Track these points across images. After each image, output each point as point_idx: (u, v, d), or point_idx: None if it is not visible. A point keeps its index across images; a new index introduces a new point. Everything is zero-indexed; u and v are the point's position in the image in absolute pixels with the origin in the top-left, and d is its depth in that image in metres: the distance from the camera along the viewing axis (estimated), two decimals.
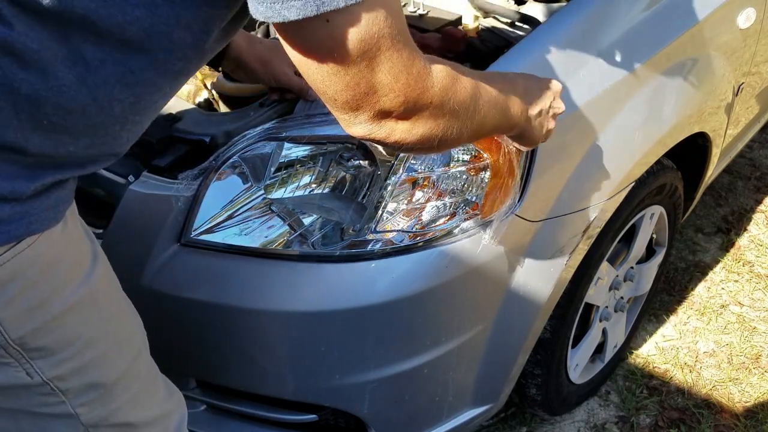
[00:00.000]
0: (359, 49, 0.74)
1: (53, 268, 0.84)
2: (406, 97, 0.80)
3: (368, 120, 0.81)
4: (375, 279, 1.25)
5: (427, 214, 1.27)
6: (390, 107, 0.80)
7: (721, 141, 1.96)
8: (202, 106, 1.52)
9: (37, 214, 0.80)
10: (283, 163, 1.26)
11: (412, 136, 0.85)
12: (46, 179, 0.80)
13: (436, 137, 0.87)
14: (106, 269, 0.95)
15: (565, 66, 1.38)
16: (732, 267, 2.43)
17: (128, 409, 0.97)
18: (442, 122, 0.86)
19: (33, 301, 0.82)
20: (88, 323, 0.89)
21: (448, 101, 0.85)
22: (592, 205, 1.43)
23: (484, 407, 1.52)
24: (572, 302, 1.57)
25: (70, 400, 0.90)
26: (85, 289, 0.88)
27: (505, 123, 1.01)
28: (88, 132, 0.81)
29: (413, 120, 0.83)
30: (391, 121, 0.82)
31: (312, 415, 1.42)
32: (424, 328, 1.32)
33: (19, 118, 0.75)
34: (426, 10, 1.76)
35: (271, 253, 1.27)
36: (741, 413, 1.93)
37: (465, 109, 0.88)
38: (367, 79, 0.77)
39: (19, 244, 0.79)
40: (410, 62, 0.79)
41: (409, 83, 0.79)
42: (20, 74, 0.74)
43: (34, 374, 0.86)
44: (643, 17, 1.51)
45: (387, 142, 0.85)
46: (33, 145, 0.77)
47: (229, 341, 1.30)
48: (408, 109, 0.81)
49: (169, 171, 1.26)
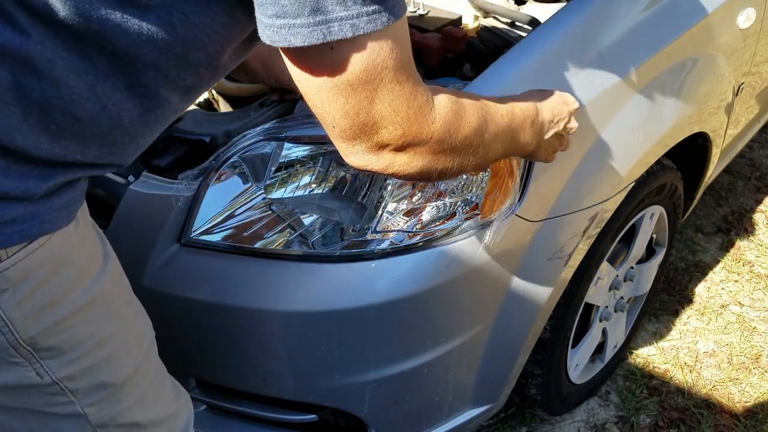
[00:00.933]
0: (361, 78, 0.74)
1: (65, 268, 0.84)
2: (404, 131, 0.80)
3: (366, 151, 0.81)
4: (375, 279, 1.25)
5: (427, 214, 1.27)
6: (388, 140, 0.80)
7: (721, 141, 1.96)
8: (202, 106, 1.52)
9: (49, 213, 0.80)
10: (283, 163, 1.26)
11: (411, 168, 0.84)
12: (58, 179, 0.80)
13: (436, 170, 0.86)
14: (116, 269, 0.95)
15: (565, 66, 1.38)
16: (732, 267, 2.43)
17: (136, 410, 0.98)
18: (442, 157, 0.85)
19: (44, 301, 0.83)
20: (99, 323, 0.90)
21: (450, 137, 0.84)
22: (592, 205, 1.42)
23: (484, 407, 1.52)
24: (572, 302, 1.57)
25: (79, 399, 0.91)
26: (96, 289, 0.88)
27: (512, 151, 1.00)
28: (96, 141, 0.82)
29: (412, 154, 0.83)
30: (390, 153, 0.82)
31: (312, 415, 1.42)
32: (424, 328, 1.32)
33: (28, 123, 0.76)
34: (426, 10, 1.76)
35: (271, 253, 1.27)
36: (741, 413, 1.93)
37: (468, 145, 0.87)
38: (367, 109, 0.77)
39: (31, 244, 0.79)
40: (412, 96, 0.79)
41: (409, 117, 0.79)
42: (32, 82, 0.74)
43: (44, 374, 0.86)
44: (643, 17, 1.51)
45: (385, 174, 0.84)
46: (40, 151, 0.78)
47: (229, 341, 1.30)
48: (407, 143, 0.81)
49: (169, 171, 1.26)
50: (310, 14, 0.70)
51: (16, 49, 0.73)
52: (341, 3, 0.71)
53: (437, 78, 1.58)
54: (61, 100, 0.76)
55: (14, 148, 0.76)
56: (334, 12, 0.71)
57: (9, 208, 0.76)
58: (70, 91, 0.76)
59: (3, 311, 0.80)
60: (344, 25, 0.71)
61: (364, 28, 0.72)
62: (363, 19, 0.72)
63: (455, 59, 1.64)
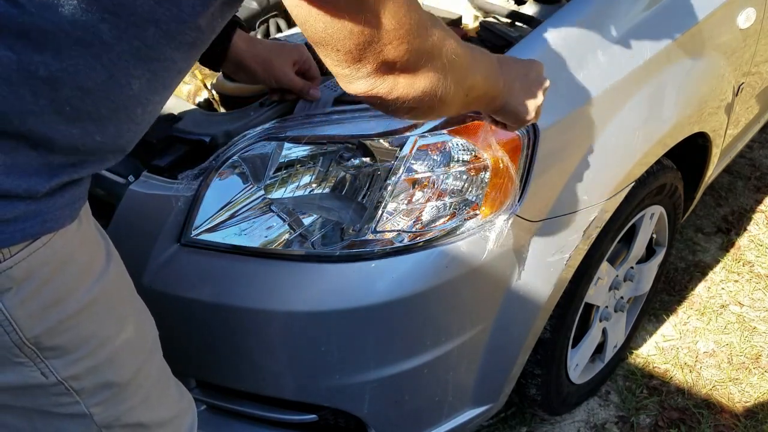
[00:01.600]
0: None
1: (68, 266, 0.84)
2: (409, 45, 0.79)
3: (371, 73, 0.80)
4: (375, 279, 1.25)
5: (427, 214, 1.27)
6: (394, 57, 0.79)
7: (721, 141, 1.96)
8: (202, 106, 1.52)
9: (52, 212, 0.80)
10: (283, 163, 1.26)
11: (414, 90, 0.84)
12: (62, 178, 0.79)
13: (436, 94, 0.86)
14: (119, 268, 0.95)
15: (565, 66, 1.38)
16: (732, 267, 2.43)
17: (141, 410, 0.98)
18: (441, 76, 0.85)
19: (48, 299, 0.82)
20: (102, 322, 0.89)
21: (447, 51, 0.85)
22: (592, 205, 1.42)
23: (484, 407, 1.52)
24: (572, 302, 1.57)
25: (84, 399, 0.90)
26: (99, 287, 0.88)
27: (491, 87, 1.01)
28: (112, 117, 0.81)
29: (415, 73, 0.82)
30: (394, 74, 0.81)
31: (312, 415, 1.42)
32: (424, 328, 1.32)
33: (39, 105, 0.75)
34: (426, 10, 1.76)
35: (271, 253, 1.27)
36: (741, 413, 1.93)
37: (458, 63, 0.88)
38: (373, 24, 0.76)
39: (34, 243, 0.79)
40: (413, 7, 0.79)
41: (412, 30, 0.79)
42: (36, 57, 0.73)
43: (48, 374, 0.86)
44: (643, 17, 1.51)
45: (389, 99, 0.83)
46: (60, 134, 0.77)
47: (229, 341, 1.30)
48: (411, 60, 0.81)
49: (169, 171, 1.26)
50: None
51: (14, 24, 0.72)
52: None
53: None
54: (67, 73, 0.75)
55: (27, 132, 0.75)
56: None
57: (11, 207, 0.76)
58: (74, 62, 0.75)
59: (7, 310, 0.80)
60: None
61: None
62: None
63: None
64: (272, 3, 1.77)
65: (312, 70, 1.36)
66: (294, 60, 1.34)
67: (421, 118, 1.11)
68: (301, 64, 1.35)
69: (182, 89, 1.56)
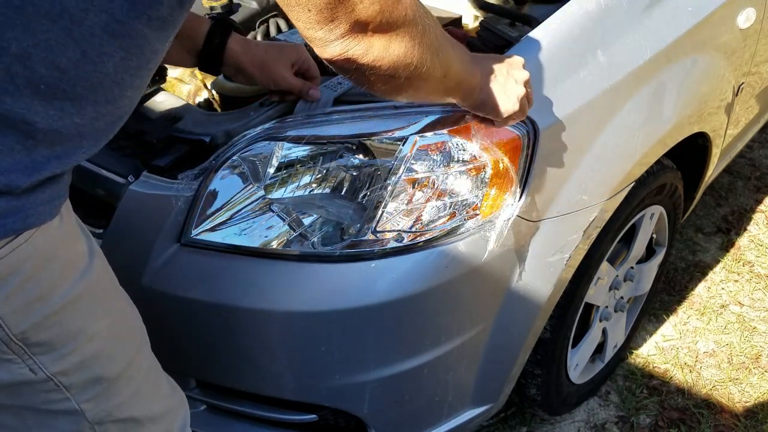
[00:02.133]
0: None
1: (51, 262, 0.84)
2: (381, 5, 0.80)
3: (344, 34, 0.80)
4: (375, 279, 1.25)
5: (427, 214, 1.26)
6: (366, 16, 0.80)
7: (721, 141, 1.96)
8: (202, 106, 1.52)
9: (33, 208, 0.80)
10: (283, 163, 1.26)
11: (389, 55, 0.84)
12: (42, 173, 0.79)
13: (412, 63, 0.87)
14: (103, 264, 0.95)
15: (565, 66, 1.38)
16: (732, 267, 2.43)
17: (132, 404, 0.98)
18: (417, 43, 0.86)
19: (32, 295, 0.83)
20: (89, 317, 0.90)
21: (421, 18, 0.86)
22: (592, 205, 1.42)
23: (484, 407, 1.52)
24: (572, 302, 1.57)
25: (74, 395, 0.91)
26: (83, 283, 0.88)
27: (468, 75, 1.02)
28: (89, 97, 0.80)
29: (389, 35, 0.83)
30: (368, 35, 0.82)
31: (312, 415, 1.42)
32: (424, 328, 1.32)
33: (15, 84, 0.74)
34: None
35: (271, 253, 1.27)
36: (741, 413, 1.93)
37: (435, 37, 0.89)
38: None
39: (16, 239, 0.79)
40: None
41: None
42: (5, 33, 0.73)
43: (37, 370, 0.86)
44: (643, 17, 1.51)
45: (363, 62, 0.84)
46: (38, 116, 0.76)
47: (229, 341, 1.30)
48: (384, 21, 0.81)
49: (169, 171, 1.26)
50: None
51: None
52: None
53: None
54: (40, 48, 0.74)
55: (5, 113, 0.75)
56: None
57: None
58: (46, 36, 0.74)
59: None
60: None
61: None
62: None
63: None
64: (272, 3, 1.77)
65: (311, 70, 1.36)
66: (292, 61, 1.33)
67: (401, 95, 1.07)
68: (299, 64, 1.34)
69: (182, 89, 1.56)
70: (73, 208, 0.91)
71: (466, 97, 1.11)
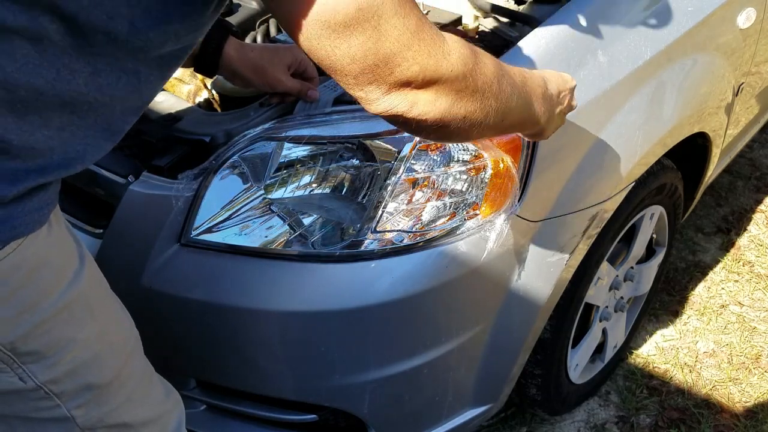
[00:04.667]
0: (357, 18, 0.71)
1: (40, 271, 0.83)
2: (421, 66, 0.76)
3: (385, 94, 0.77)
4: (375, 279, 1.25)
5: (427, 214, 1.27)
6: (407, 77, 0.77)
7: (721, 141, 1.96)
8: (202, 106, 1.52)
9: (20, 217, 0.78)
10: (283, 163, 1.26)
11: (436, 109, 0.80)
12: (27, 183, 0.78)
13: (460, 115, 0.83)
14: (93, 270, 0.94)
15: (565, 66, 1.38)
16: (732, 267, 2.43)
17: (124, 410, 0.97)
18: (465, 98, 0.82)
19: (21, 305, 0.82)
20: (79, 325, 0.89)
21: (471, 73, 0.81)
22: (591, 205, 1.43)
23: (484, 407, 1.52)
24: (572, 302, 1.57)
25: (65, 402, 0.90)
26: (73, 291, 0.87)
27: (528, 117, 0.97)
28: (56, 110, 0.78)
29: (435, 91, 0.79)
30: (412, 91, 0.78)
31: (312, 415, 1.42)
32: (424, 328, 1.32)
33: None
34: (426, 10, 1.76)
35: (271, 253, 1.27)
36: (741, 413, 1.93)
37: (489, 86, 0.84)
38: (374, 50, 0.73)
39: (3, 249, 0.78)
40: (419, 28, 0.76)
41: (422, 50, 0.76)
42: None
43: (27, 379, 0.85)
44: (643, 17, 1.51)
45: (409, 117, 0.80)
46: (8, 132, 0.74)
47: (229, 341, 1.30)
48: (427, 78, 0.78)
49: (169, 171, 1.26)
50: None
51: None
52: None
53: None
54: (21, 72, 0.73)
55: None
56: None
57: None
58: (26, 60, 0.73)
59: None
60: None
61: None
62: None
63: None
64: None
65: (309, 71, 1.35)
66: (288, 63, 1.32)
67: (455, 140, 1.06)
68: (296, 66, 1.33)
69: (182, 89, 1.56)
70: (72, 208, 0.91)
71: (521, 132, 1.08)
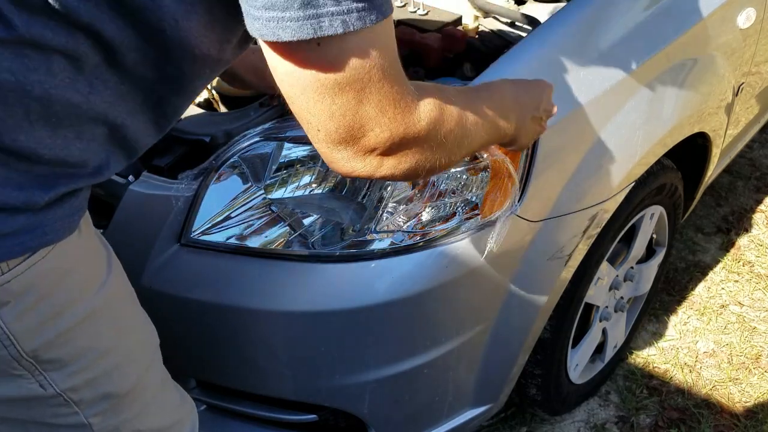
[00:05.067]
0: (348, 78, 0.72)
1: (67, 279, 0.83)
2: (391, 133, 0.77)
3: (352, 156, 0.78)
4: (375, 279, 1.25)
5: (427, 214, 1.27)
6: (375, 143, 0.78)
7: (721, 141, 1.96)
8: (202, 106, 1.52)
9: (51, 224, 0.78)
10: (283, 163, 1.26)
11: (399, 171, 0.82)
12: (59, 189, 0.78)
13: (424, 168, 0.85)
14: (120, 277, 0.94)
15: (565, 66, 1.38)
16: (732, 267, 2.43)
17: (141, 419, 0.97)
18: (429, 154, 0.83)
19: (47, 313, 0.81)
20: (102, 334, 0.88)
21: (436, 134, 0.82)
22: (591, 205, 1.42)
23: (484, 407, 1.52)
24: (572, 302, 1.57)
25: (83, 410, 0.90)
26: (99, 299, 0.87)
27: (495, 137, 0.99)
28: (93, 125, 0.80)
29: (400, 156, 0.81)
30: (377, 157, 0.79)
31: (312, 415, 1.42)
32: (424, 328, 1.32)
33: (29, 119, 0.74)
34: (426, 10, 1.76)
35: (271, 253, 1.27)
36: (741, 413, 1.93)
37: (453, 137, 0.85)
38: (354, 110, 0.74)
39: (33, 256, 0.78)
40: (400, 96, 0.77)
41: (396, 118, 0.77)
42: (31, 76, 0.73)
43: (47, 386, 0.85)
44: (643, 17, 1.51)
45: (374, 177, 0.82)
46: (44, 147, 0.76)
47: (229, 341, 1.30)
48: (394, 145, 0.79)
49: (169, 171, 1.26)
50: (300, 7, 0.68)
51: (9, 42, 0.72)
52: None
53: (437, 78, 1.58)
54: (58, 89, 0.75)
55: (17, 149, 0.74)
56: (325, 6, 0.69)
57: (11, 220, 0.75)
58: (63, 76, 0.75)
59: (5, 324, 0.79)
60: (335, 20, 0.69)
61: (354, 24, 0.70)
62: (353, 15, 0.70)
63: (455, 59, 1.64)
64: None
65: None
66: None
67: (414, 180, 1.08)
68: None
69: None
70: None
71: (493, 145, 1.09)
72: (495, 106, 0.96)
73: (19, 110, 0.73)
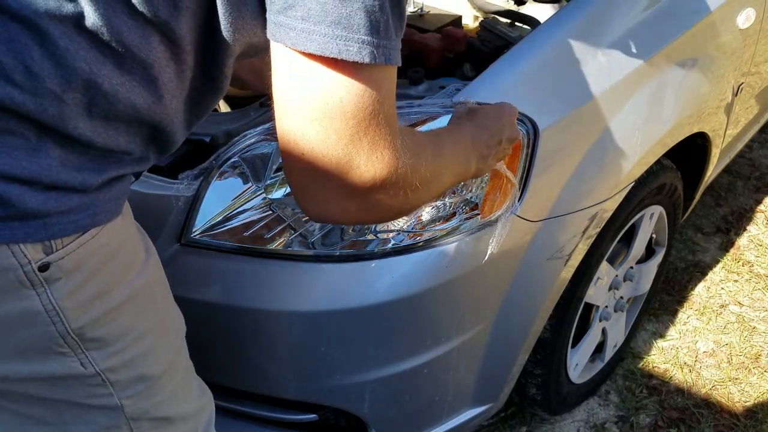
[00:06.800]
0: (356, 105, 0.73)
1: (113, 259, 0.86)
2: (374, 175, 0.77)
3: (328, 198, 0.78)
4: (375, 279, 1.25)
5: (427, 214, 1.27)
6: (356, 182, 0.77)
7: (720, 141, 1.96)
8: None
9: (101, 205, 0.82)
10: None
11: (369, 217, 0.84)
12: (110, 173, 0.82)
13: (393, 212, 0.85)
14: (156, 262, 0.97)
15: (565, 66, 1.38)
16: (732, 267, 2.43)
17: (169, 403, 0.99)
18: (401, 198, 0.83)
19: (94, 291, 0.84)
20: (142, 315, 0.91)
21: (411, 179, 0.82)
22: (591, 205, 1.43)
23: (484, 407, 1.52)
24: (572, 302, 1.57)
25: (117, 391, 0.92)
26: (141, 280, 0.90)
27: (460, 178, 1.00)
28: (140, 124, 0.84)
29: (373, 203, 0.80)
30: (352, 201, 0.79)
31: (312, 414, 1.42)
32: (424, 328, 1.32)
33: (90, 112, 0.77)
34: (426, 10, 1.76)
35: (271, 253, 1.27)
36: (741, 413, 1.93)
37: (424, 183, 0.85)
38: (348, 139, 0.74)
39: (84, 235, 0.81)
40: (392, 138, 0.77)
41: (383, 158, 0.77)
42: (103, 69, 0.76)
43: (88, 365, 0.87)
44: (643, 17, 1.51)
45: (342, 222, 0.84)
46: (98, 136, 0.79)
47: (229, 341, 1.31)
48: (375, 187, 0.78)
49: (169, 171, 1.26)
50: (332, 24, 0.70)
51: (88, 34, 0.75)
52: (369, 27, 0.70)
53: (437, 78, 1.58)
54: (124, 86, 0.78)
55: (76, 136, 0.77)
56: (359, 32, 0.70)
57: (66, 199, 0.78)
58: (131, 76, 0.78)
59: (56, 300, 0.81)
60: (364, 49, 0.70)
61: (379, 58, 0.71)
62: (381, 50, 0.71)
63: (455, 59, 1.65)
64: None
65: None
66: None
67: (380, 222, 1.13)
68: None
69: None
70: None
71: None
72: (458, 145, 0.97)
73: (84, 99, 0.77)
